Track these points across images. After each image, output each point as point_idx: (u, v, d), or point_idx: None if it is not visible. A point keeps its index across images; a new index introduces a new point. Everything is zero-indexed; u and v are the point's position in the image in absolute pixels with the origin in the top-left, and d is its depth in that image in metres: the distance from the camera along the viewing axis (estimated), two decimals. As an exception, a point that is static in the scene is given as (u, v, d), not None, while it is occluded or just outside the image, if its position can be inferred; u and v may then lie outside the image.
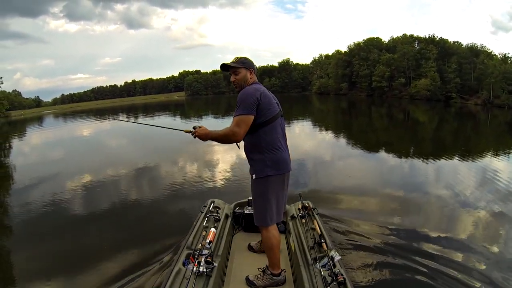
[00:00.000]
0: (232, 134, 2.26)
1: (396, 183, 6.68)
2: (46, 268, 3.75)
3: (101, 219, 5.17)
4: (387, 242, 3.91)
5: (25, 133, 24.18)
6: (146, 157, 9.55)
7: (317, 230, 2.84)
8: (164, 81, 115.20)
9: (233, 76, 2.44)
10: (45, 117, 47.02)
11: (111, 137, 16.95)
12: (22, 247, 4.46)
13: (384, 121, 20.16)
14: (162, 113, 31.51)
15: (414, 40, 45.26)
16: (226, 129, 2.31)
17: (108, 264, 3.63)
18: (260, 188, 2.40)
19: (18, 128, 31.03)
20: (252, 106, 2.25)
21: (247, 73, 2.43)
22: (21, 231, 5.04)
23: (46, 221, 5.29)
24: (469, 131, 15.42)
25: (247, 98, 2.27)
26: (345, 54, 54.64)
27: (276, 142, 2.37)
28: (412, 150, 10.42)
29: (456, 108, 28.30)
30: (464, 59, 36.87)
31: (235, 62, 2.44)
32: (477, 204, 5.20)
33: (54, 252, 4.14)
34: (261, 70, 79.12)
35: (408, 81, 41.92)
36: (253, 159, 2.41)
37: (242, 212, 3.42)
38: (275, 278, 2.51)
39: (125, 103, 62.42)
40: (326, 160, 9.06)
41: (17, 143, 18.31)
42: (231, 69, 2.44)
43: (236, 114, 2.27)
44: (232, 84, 2.49)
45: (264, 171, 2.34)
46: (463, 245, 3.88)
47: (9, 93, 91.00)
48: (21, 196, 6.93)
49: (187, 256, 2.49)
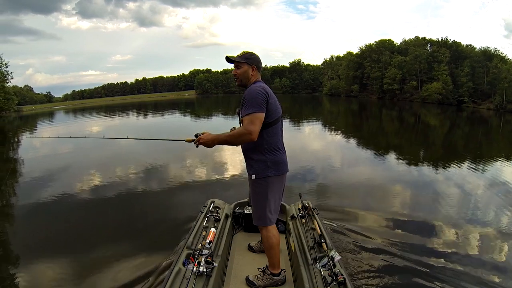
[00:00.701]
0: (249, 133, 2.16)
1: (400, 186, 6.68)
2: (45, 266, 3.77)
3: (100, 219, 5.18)
4: (388, 243, 3.92)
5: (36, 128, 24.51)
6: (146, 157, 9.51)
7: (317, 230, 2.83)
8: (174, 79, 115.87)
9: (235, 69, 2.43)
10: (56, 112, 47.67)
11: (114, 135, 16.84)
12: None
13: (394, 124, 19.96)
14: (172, 111, 31.70)
15: (427, 43, 44.57)
16: (240, 129, 2.23)
17: (108, 264, 3.63)
18: (260, 188, 2.38)
19: (29, 122, 31.45)
20: (263, 104, 2.21)
21: (249, 69, 2.39)
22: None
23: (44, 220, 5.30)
24: (480, 137, 15.17)
25: (257, 96, 2.22)
26: (356, 55, 54.21)
27: (277, 144, 2.38)
28: (420, 154, 10.32)
29: (468, 113, 27.88)
30: (477, 63, 36.25)
31: (240, 56, 2.42)
32: (486, 214, 5.10)
33: (53, 251, 4.14)
34: (272, 70, 79.01)
35: (419, 84, 41.38)
36: (253, 159, 2.37)
37: (242, 212, 3.43)
38: (275, 278, 2.51)
39: (135, 101, 62.69)
40: (332, 162, 9.04)
41: (27, 139, 18.49)
42: (234, 62, 2.43)
43: (247, 112, 2.20)
44: (233, 78, 2.48)
45: (265, 172, 2.34)
46: (468, 250, 3.86)
47: (21, 88, 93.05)
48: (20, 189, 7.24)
49: (187, 256, 2.49)
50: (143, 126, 20.83)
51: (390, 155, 9.94)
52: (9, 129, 26.06)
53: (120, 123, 23.21)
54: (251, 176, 2.40)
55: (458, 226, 4.58)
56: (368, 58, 50.13)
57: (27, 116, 44.06)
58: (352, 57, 55.22)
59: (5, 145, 15.48)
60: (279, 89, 72.08)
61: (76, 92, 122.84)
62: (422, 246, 3.91)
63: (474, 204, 5.61)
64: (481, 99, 34.11)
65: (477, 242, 4.13)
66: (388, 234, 4.22)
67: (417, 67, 41.71)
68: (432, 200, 5.61)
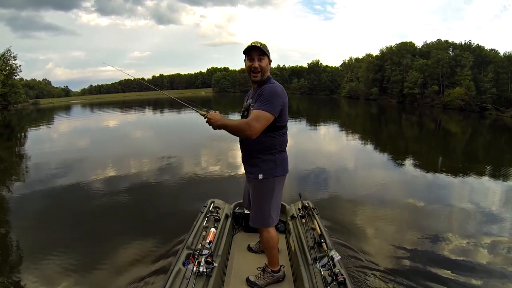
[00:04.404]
0: (248, 128, 2.03)
1: (406, 190, 6.61)
2: (45, 263, 3.77)
3: (100, 219, 5.16)
4: (388, 243, 3.94)
5: (53, 121, 25.32)
6: (147, 158, 9.62)
7: (317, 230, 2.83)
8: (191, 76, 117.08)
9: (257, 61, 2.18)
10: (73, 106, 48.96)
11: (115, 132, 17.18)
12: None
13: (413, 129, 19.45)
14: (189, 109, 31.77)
15: (449, 46, 43.30)
16: (242, 121, 2.11)
17: (107, 264, 3.65)
18: (266, 188, 2.32)
19: (46, 115, 32.39)
20: (278, 107, 2.11)
21: (268, 63, 2.26)
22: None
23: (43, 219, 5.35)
24: (504, 146, 14.58)
25: (278, 97, 2.12)
26: (376, 58, 53.35)
27: (285, 144, 2.35)
28: (438, 162, 9.99)
29: (491, 120, 26.93)
30: (501, 69, 35.02)
31: (262, 47, 2.19)
32: (503, 230, 4.78)
33: (53, 248, 4.11)
34: (290, 70, 78.78)
35: (441, 89, 40.29)
36: (261, 158, 2.27)
37: (242, 212, 3.42)
38: (275, 275, 2.53)
39: (152, 97, 63.71)
40: (339, 164, 8.96)
41: (43, 131, 19.09)
42: (257, 53, 2.19)
43: (259, 107, 2.08)
44: (251, 71, 2.22)
45: (273, 172, 2.29)
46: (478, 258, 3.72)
47: (39, 81, 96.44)
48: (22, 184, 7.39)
49: (187, 256, 2.49)
50: (158, 120, 21.13)
51: (404, 161, 9.76)
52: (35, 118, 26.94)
53: (136, 119, 23.61)
54: (256, 176, 2.29)
55: (465, 234, 4.46)
56: (388, 61, 49.15)
57: (44, 109, 45.44)
58: (372, 59, 54.32)
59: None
60: (297, 89, 71.80)
61: (93, 87, 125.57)
62: (423, 247, 3.90)
63: (489, 217, 5.27)
64: (504, 107, 32.95)
65: (482, 250, 3.99)
66: (389, 235, 4.23)
67: (439, 71, 40.56)
68: (438, 207, 5.52)
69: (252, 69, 2.20)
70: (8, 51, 41.50)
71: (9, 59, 41.59)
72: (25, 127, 21.17)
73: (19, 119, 29.67)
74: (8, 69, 41.06)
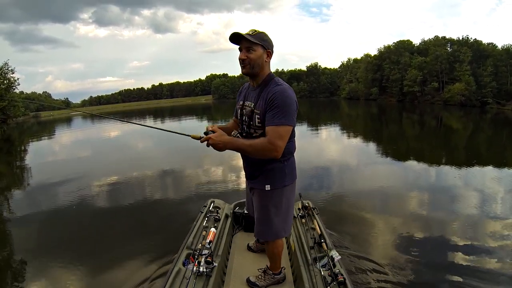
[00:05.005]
0: (275, 149, 1.79)
1: (407, 188, 6.51)
2: (46, 263, 3.81)
3: (99, 218, 5.21)
4: (389, 243, 3.92)
5: (54, 134, 25.31)
6: (147, 158, 9.69)
7: (317, 230, 2.81)
8: (191, 84, 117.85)
9: (244, 52, 1.87)
10: (74, 118, 49.15)
11: (116, 140, 17.31)
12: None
13: (414, 128, 19.31)
14: (189, 117, 32.00)
15: (447, 42, 43.54)
16: (262, 141, 1.82)
17: (107, 264, 3.65)
18: (275, 200, 2.09)
19: (47, 127, 32.55)
20: (295, 114, 1.85)
21: (263, 54, 1.89)
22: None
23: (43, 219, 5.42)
24: (506, 140, 14.42)
25: (292, 103, 1.83)
26: (374, 57, 53.46)
27: (294, 149, 2.10)
28: (440, 162, 9.78)
29: (492, 114, 26.84)
30: (500, 62, 35.10)
31: (251, 35, 1.84)
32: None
33: (53, 248, 4.21)
34: (289, 74, 78.90)
35: (441, 86, 40.29)
36: (268, 168, 2.02)
37: (242, 212, 3.38)
38: (276, 277, 2.48)
39: (152, 106, 63.87)
40: (340, 164, 8.88)
41: (44, 143, 19.18)
42: (244, 43, 1.87)
43: (279, 122, 1.80)
44: (240, 63, 1.91)
45: (282, 181, 2.05)
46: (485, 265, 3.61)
47: (39, 94, 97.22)
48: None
49: (187, 256, 2.48)
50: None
51: (405, 161, 9.63)
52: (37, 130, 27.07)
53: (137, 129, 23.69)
54: (263, 187, 2.06)
55: (469, 236, 4.28)
56: (387, 60, 49.34)
57: (45, 122, 45.65)
58: (370, 59, 54.43)
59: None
60: (297, 93, 69.94)
61: (93, 98, 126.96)
62: (424, 248, 3.83)
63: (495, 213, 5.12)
64: (505, 100, 32.88)
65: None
66: (389, 235, 4.19)
67: (438, 68, 40.70)
68: (440, 208, 5.36)
69: (240, 61, 1.92)
70: (6, 64, 40.54)
71: (7, 72, 40.58)
72: (24, 141, 21.26)
73: (20, 132, 29.78)
74: (7, 83, 40.30)
